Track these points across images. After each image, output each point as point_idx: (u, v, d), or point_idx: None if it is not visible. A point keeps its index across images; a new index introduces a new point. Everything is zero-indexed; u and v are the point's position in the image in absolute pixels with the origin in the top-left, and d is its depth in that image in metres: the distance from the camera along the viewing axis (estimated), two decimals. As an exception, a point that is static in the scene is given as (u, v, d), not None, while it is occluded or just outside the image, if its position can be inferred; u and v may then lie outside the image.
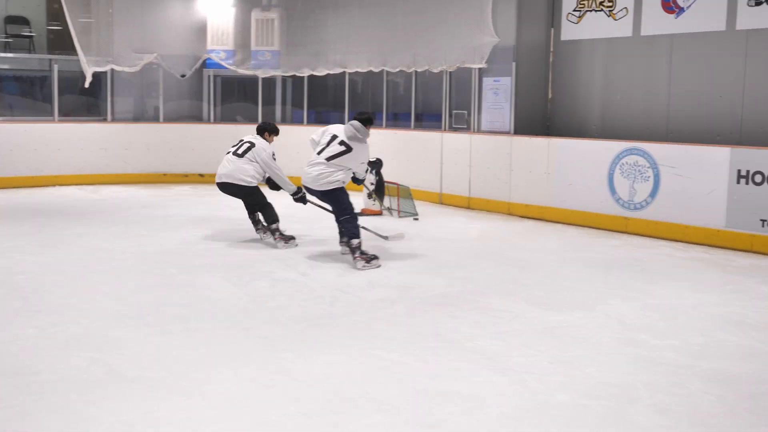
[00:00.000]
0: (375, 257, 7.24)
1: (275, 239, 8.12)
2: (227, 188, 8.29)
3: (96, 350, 4.76)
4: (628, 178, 9.07)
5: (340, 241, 7.45)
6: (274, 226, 8.17)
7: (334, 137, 7.36)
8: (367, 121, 7.48)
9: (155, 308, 5.73)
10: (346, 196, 7.40)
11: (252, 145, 8.28)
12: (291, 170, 8.94)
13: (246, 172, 8.16)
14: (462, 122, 11.52)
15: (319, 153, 7.35)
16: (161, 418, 3.81)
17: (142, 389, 4.16)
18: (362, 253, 7.21)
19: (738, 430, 3.81)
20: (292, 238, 8.20)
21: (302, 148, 12.33)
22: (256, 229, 8.46)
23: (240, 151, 8.27)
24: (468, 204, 10.97)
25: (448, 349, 4.91)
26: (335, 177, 7.26)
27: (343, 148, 7.28)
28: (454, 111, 11.77)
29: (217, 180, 8.34)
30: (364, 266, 7.09)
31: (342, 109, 13.55)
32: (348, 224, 7.29)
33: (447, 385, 4.28)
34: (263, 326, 5.34)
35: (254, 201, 8.32)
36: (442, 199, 11.35)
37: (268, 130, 8.55)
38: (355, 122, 7.43)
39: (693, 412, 3.98)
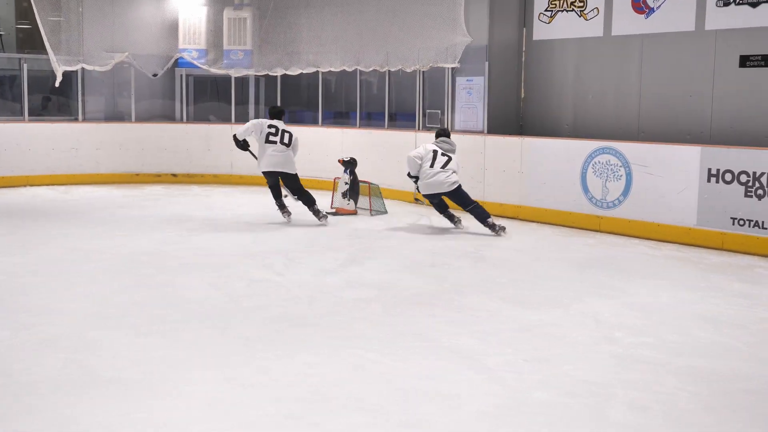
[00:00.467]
0: (503, 226, 8.94)
1: (320, 218, 9.37)
2: (275, 176, 9.40)
3: (72, 351, 4.72)
4: (601, 177, 9.17)
5: (456, 223, 9.32)
6: (316, 206, 9.39)
7: (435, 152, 9.08)
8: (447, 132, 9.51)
9: (133, 309, 5.69)
10: (464, 190, 9.11)
11: (291, 134, 9.41)
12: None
13: (293, 161, 9.42)
14: (435, 121, 11.56)
15: (431, 166, 9.01)
16: (139, 419, 3.79)
17: (119, 391, 4.13)
18: (497, 226, 8.90)
19: (714, 427, 3.87)
20: (326, 216, 9.50)
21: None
22: (283, 213, 9.53)
23: (286, 141, 9.34)
24: (442, 203, 11.00)
25: (427, 348, 4.93)
26: (455, 178, 9.00)
27: (447, 157, 9.06)
28: (428, 110, 11.82)
29: (270, 169, 9.34)
30: (502, 233, 8.81)
31: (315, 108, 13.54)
32: (477, 209, 9.00)
33: (426, 383, 4.30)
34: (242, 326, 5.33)
35: (296, 186, 9.45)
36: (416, 198, 11.39)
37: (284, 113, 9.78)
38: (447, 138, 9.37)
39: (669, 409, 4.03)
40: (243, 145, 9.68)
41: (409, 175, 9.32)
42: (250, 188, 12.57)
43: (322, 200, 10.39)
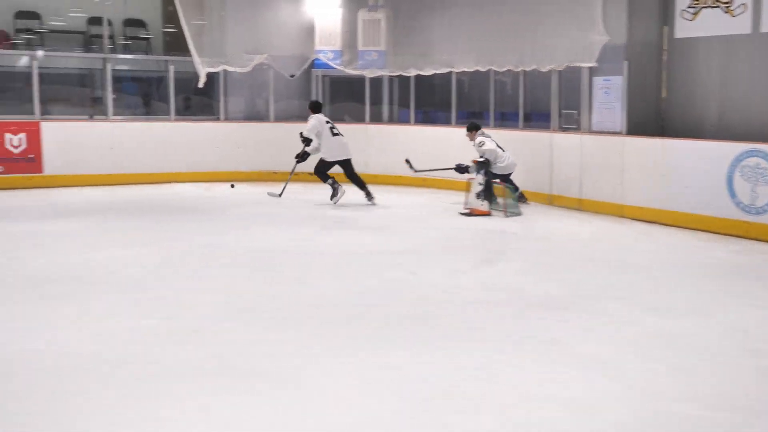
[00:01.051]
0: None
1: (370, 200, 10.85)
2: (342, 162, 10.99)
3: (210, 343, 4.88)
4: (749, 181, 8.67)
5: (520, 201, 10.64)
6: (367, 188, 10.88)
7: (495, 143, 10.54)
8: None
9: (267, 303, 5.83)
10: None
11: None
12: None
13: None
14: (572, 122, 11.29)
15: (503, 150, 10.56)
16: (269, 411, 3.86)
17: (255, 382, 4.23)
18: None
19: None
20: (373, 197, 10.88)
21: (409, 147, 12.40)
22: (337, 190, 10.93)
23: (341, 132, 11.02)
24: (579, 205, 10.73)
25: (558, 353, 4.80)
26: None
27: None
28: (564, 111, 11.54)
29: (344, 157, 10.99)
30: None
31: (448, 108, 13.49)
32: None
33: (558, 389, 4.18)
34: (372, 323, 5.35)
35: (353, 171, 11.07)
36: (551, 200, 11.15)
37: None
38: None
39: (825, 429, 3.75)
40: (308, 142, 10.93)
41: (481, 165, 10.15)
42: (383, 187, 12.65)
43: (454, 199, 10.34)
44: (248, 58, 13.54)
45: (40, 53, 12.74)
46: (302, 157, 11.12)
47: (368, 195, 10.91)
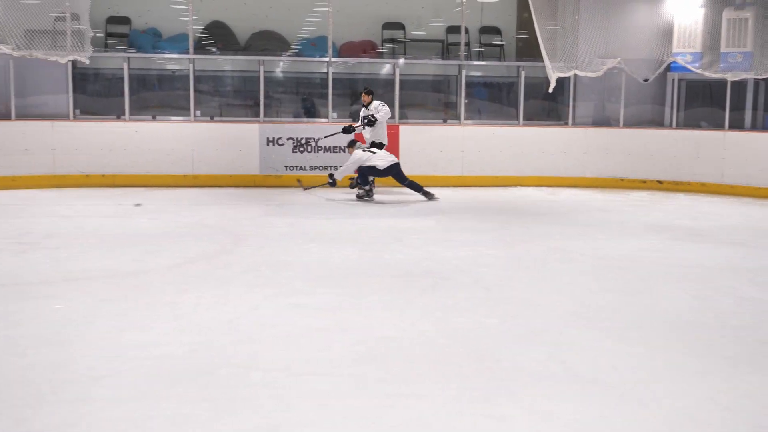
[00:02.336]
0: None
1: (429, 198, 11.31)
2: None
3: (553, 346, 4.88)
4: None
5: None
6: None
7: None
8: None
9: (610, 312, 5.69)
10: None
11: None
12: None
13: None
14: None
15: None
16: (608, 425, 3.76)
17: (597, 392, 4.15)
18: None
19: None
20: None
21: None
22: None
23: None
24: None
25: None
26: None
27: None
28: None
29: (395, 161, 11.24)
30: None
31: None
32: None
33: None
34: (725, 345, 4.99)
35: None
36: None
37: None
38: None
39: None
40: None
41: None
42: (740, 199, 11.77)
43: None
44: (600, 63, 13.32)
45: (401, 61, 13.65)
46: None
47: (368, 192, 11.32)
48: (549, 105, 14.39)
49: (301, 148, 12.42)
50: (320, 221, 9.43)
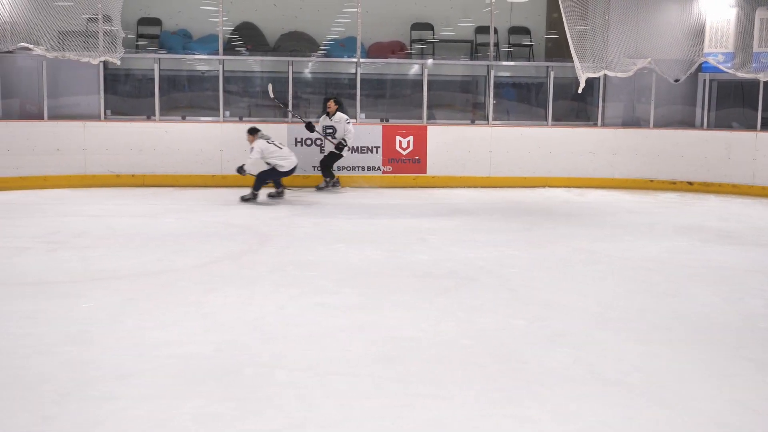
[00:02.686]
0: None
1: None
2: None
3: (578, 348, 4.85)
4: None
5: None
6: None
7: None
8: None
9: (637, 315, 5.65)
10: None
11: None
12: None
13: None
14: None
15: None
16: (633, 427, 3.73)
17: (622, 394, 4.11)
18: None
19: None
20: None
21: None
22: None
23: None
24: None
25: None
26: None
27: None
28: None
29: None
30: None
31: None
32: None
33: None
34: (756, 348, 4.92)
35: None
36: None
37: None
38: None
39: None
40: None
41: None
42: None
43: None
44: (630, 63, 13.20)
45: (430, 62, 13.63)
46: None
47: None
48: (578, 105, 14.29)
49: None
50: (345, 221, 9.45)
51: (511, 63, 14.46)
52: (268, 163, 10.75)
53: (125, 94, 13.46)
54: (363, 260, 7.23)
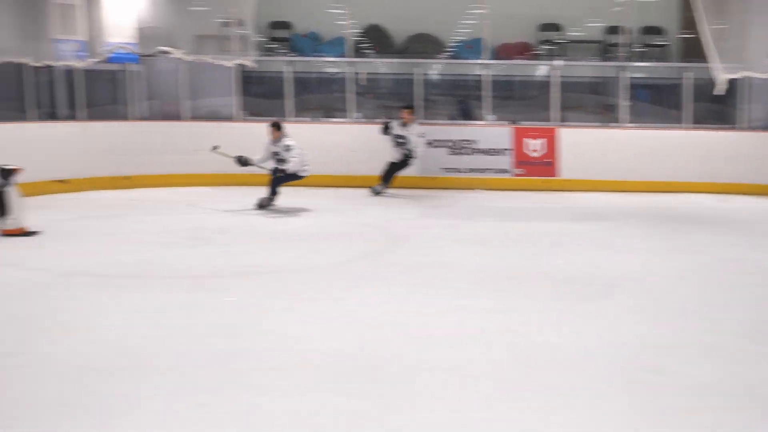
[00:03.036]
0: None
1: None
2: None
3: (726, 362, 4.65)
4: None
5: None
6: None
7: None
8: None
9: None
10: None
11: None
12: None
13: None
14: None
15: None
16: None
17: None
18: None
19: None
20: None
21: None
22: None
23: None
24: None
25: None
26: None
27: None
28: None
29: None
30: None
31: None
32: None
33: None
34: None
35: None
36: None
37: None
38: None
39: None
40: None
41: None
42: None
43: None
44: (774, 62, 12.55)
45: (558, 63, 13.38)
46: None
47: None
48: (717, 107, 13.67)
49: (458, 151, 12.42)
50: (477, 223, 9.39)
51: (644, 64, 14.01)
52: (281, 161, 10.04)
53: (257, 96, 13.81)
54: (498, 263, 7.16)
